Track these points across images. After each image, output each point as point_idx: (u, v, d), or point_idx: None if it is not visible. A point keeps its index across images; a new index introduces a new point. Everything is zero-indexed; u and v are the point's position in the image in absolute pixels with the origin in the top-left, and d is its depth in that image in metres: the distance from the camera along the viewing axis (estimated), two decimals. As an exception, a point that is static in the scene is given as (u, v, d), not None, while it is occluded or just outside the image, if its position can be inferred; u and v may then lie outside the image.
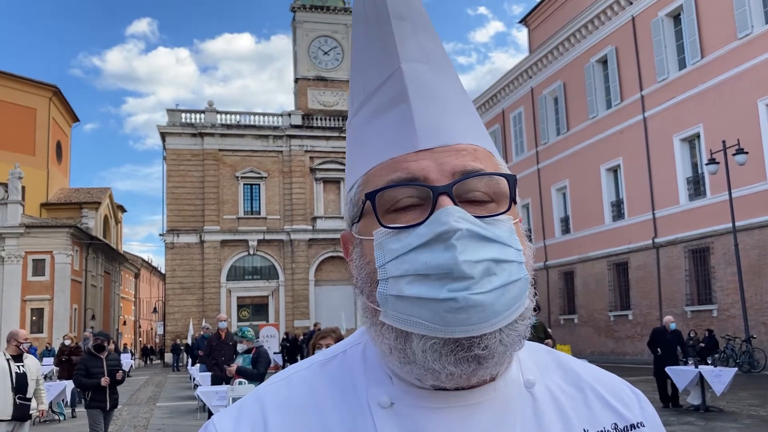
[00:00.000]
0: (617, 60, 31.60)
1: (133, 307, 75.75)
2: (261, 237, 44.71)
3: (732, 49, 25.34)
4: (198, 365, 18.33)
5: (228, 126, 45.66)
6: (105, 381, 9.07)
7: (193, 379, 19.49)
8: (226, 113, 46.48)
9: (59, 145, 56.61)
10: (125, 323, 67.91)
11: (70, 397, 15.92)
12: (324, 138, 46.36)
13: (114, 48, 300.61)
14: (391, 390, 0.82)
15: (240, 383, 9.30)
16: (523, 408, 0.82)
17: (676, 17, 28.73)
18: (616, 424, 0.86)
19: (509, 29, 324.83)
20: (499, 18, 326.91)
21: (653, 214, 29.06)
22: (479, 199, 0.79)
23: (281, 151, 46.14)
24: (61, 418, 15.47)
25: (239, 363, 9.55)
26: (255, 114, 47.33)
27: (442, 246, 0.73)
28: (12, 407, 8.06)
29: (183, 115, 45.69)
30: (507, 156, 40.00)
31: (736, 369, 13.33)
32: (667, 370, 13.56)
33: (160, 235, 44.75)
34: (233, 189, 45.11)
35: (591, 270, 33.27)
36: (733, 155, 22.29)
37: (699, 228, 26.42)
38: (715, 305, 25.78)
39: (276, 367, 22.41)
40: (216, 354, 12.83)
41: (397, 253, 0.76)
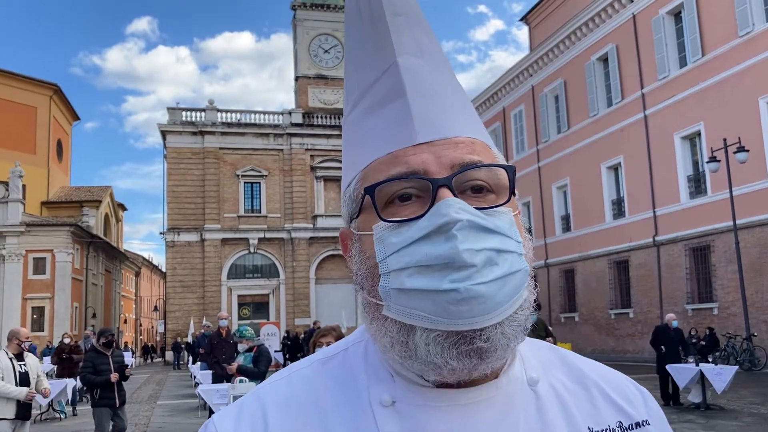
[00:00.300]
0: (618, 58, 31.57)
1: (134, 306, 75.82)
2: (261, 235, 44.69)
3: (733, 47, 25.31)
4: (199, 363, 18.34)
5: (228, 124, 45.61)
6: (114, 377, 9.03)
7: (194, 378, 19.50)
8: (226, 111, 46.41)
9: (60, 144, 56.62)
10: (126, 321, 67.96)
11: (71, 396, 15.94)
12: (324, 136, 46.31)
13: (114, 47, 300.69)
14: (393, 388, 0.81)
15: (241, 381, 9.30)
16: (527, 406, 0.81)
17: (677, 15, 28.69)
18: (621, 422, 0.85)
19: (509, 27, 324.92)
20: (499, 16, 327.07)
21: (654, 212, 29.05)
22: (479, 191, 0.79)
23: (282, 150, 46.10)
24: (62, 416, 15.48)
25: (240, 362, 9.54)
26: (255, 112, 47.27)
27: (442, 237, 0.73)
28: (15, 406, 8.08)
29: (183, 114, 45.64)
30: (508, 154, 39.97)
31: (736, 367, 13.31)
32: (668, 368, 13.56)
33: (160, 234, 44.77)
34: (234, 187, 45.08)
35: (592, 268, 33.26)
36: (734, 153, 22.28)
37: (700, 226, 26.41)
38: (716, 303, 25.78)
39: (277, 366, 22.42)
40: (217, 352, 12.84)
41: (398, 247, 0.75)
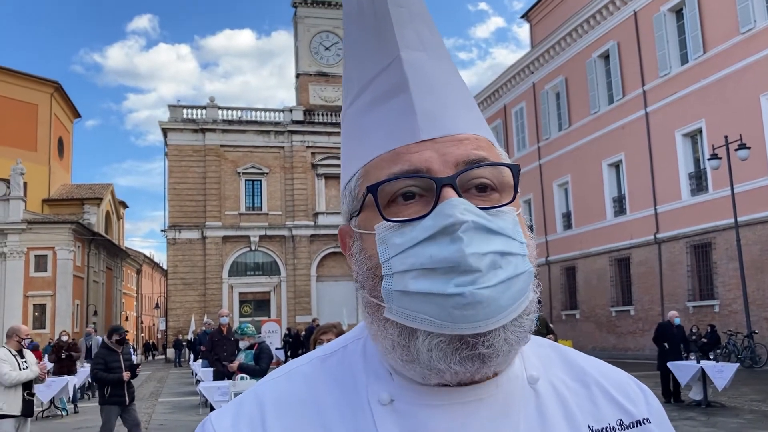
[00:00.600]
0: (619, 55, 31.52)
1: (135, 303, 75.88)
2: (263, 233, 44.71)
3: (734, 44, 25.26)
4: (200, 361, 18.37)
5: (229, 122, 45.61)
6: (126, 375, 9.03)
7: (195, 375, 19.51)
8: (227, 109, 46.40)
9: (61, 141, 56.60)
10: (127, 319, 67.99)
11: (72, 393, 15.95)
12: (325, 134, 46.27)
13: (115, 44, 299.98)
14: (392, 386, 0.80)
15: (242, 378, 9.30)
16: (526, 404, 0.81)
17: (678, 12, 28.63)
18: (621, 420, 0.84)
19: (510, 25, 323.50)
20: (500, 14, 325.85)
21: (655, 209, 29.02)
22: (483, 190, 0.78)
23: (283, 147, 46.08)
24: (64, 413, 15.50)
25: (241, 359, 9.53)
26: (256, 110, 47.26)
27: (447, 239, 0.71)
28: (21, 402, 8.10)
29: (184, 111, 45.63)
30: (509, 151, 39.92)
31: (737, 364, 13.31)
32: (670, 365, 13.56)
33: (161, 231, 44.83)
34: (235, 185, 45.09)
35: (593, 265, 33.25)
36: (736, 150, 22.24)
37: (701, 223, 26.39)
38: (717, 301, 25.76)
39: (278, 363, 22.42)
40: (218, 349, 12.83)
41: (402, 248, 0.74)
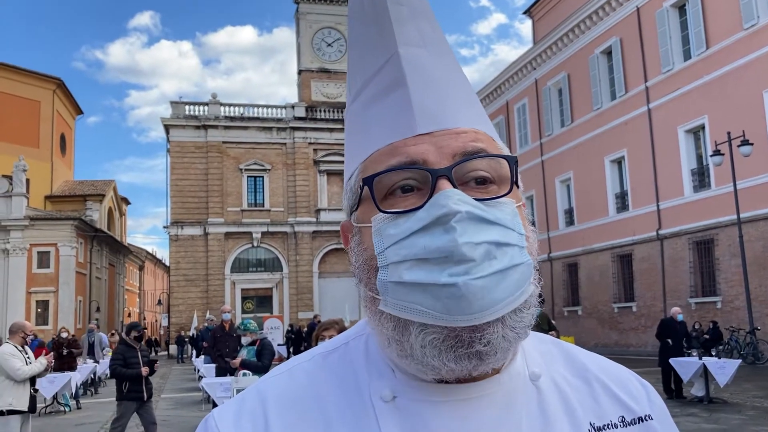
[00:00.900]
0: (622, 51, 31.44)
1: (138, 299, 76.01)
2: (265, 229, 44.73)
3: (737, 40, 25.18)
4: (202, 357, 18.39)
5: (232, 118, 45.61)
6: (145, 371, 9.10)
7: (198, 371, 19.56)
8: (229, 105, 46.39)
9: (63, 138, 56.66)
10: (130, 315, 68.12)
11: (74, 389, 15.99)
12: (328, 130, 46.25)
13: (116, 41, 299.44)
14: (394, 383, 0.80)
15: (244, 374, 9.31)
16: (528, 401, 0.81)
17: (681, 8, 28.54)
18: (623, 417, 0.84)
19: (512, 21, 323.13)
20: (501, 10, 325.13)
21: (657, 205, 28.98)
22: (480, 182, 0.78)
23: (285, 143, 46.08)
24: (67, 409, 15.55)
25: (243, 356, 9.54)
26: (259, 106, 47.23)
27: (441, 229, 0.72)
28: (29, 398, 8.13)
29: (187, 108, 45.63)
30: (511, 148, 39.56)
31: (740, 361, 13.32)
32: (672, 361, 13.57)
33: (164, 228, 44.89)
34: (237, 181, 45.11)
35: (595, 262, 33.23)
36: (738, 146, 22.20)
37: (703, 220, 26.34)
38: (720, 297, 25.74)
39: (280, 359, 22.46)
40: (220, 345, 12.83)
41: (396, 239, 0.74)
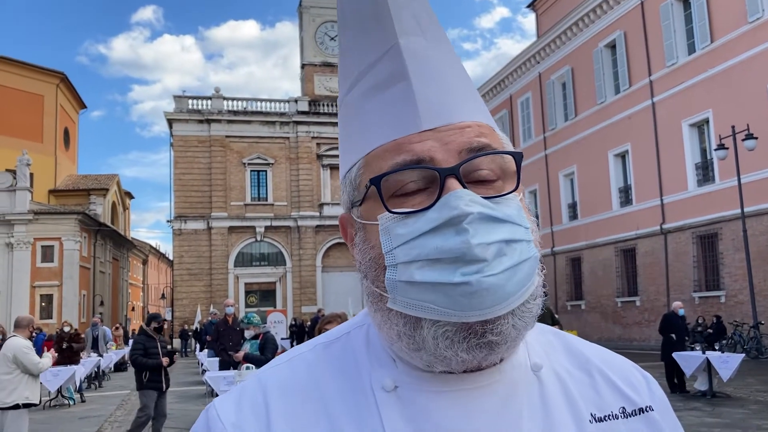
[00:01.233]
0: (626, 45, 31.34)
1: (142, 293, 76.17)
2: (268, 223, 44.76)
3: (742, 34, 25.08)
4: (206, 350, 18.44)
5: (235, 112, 45.58)
6: (165, 361, 9.21)
7: (201, 365, 19.60)
8: (232, 99, 46.35)
9: (67, 132, 56.68)
10: (134, 309, 68.30)
11: (78, 383, 16.04)
12: (331, 124, 46.17)
13: (119, 35, 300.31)
14: (395, 373, 0.80)
15: (247, 368, 9.33)
16: (530, 392, 0.81)
17: (685, 1, 28.41)
18: (624, 408, 0.84)
19: (515, 15, 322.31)
20: (505, 3, 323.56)
21: (661, 199, 28.93)
22: (486, 178, 0.77)
23: (288, 138, 46.05)
24: (71, 402, 15.60)
25: (246, 349, 9.57)
26: (262, 100, 47.19)
27: (453, 230, 0.71)
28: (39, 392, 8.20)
29: (190, 102, 45.61)
30: (514, 142, 39.78)
31: (743, 355, 13.29)
32: (675, 355, 13.57)
33: (167, 222, 44.92)
34: (240, 175, 45.12)
35: (598, 256, 33.20)
36: (743, 140, 22.15)
37: (707, 214, 26.30)
38: (723, 291, 25.71)
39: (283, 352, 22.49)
40: (224, 339, 12.87)
41: (406, 239, 0.74)
